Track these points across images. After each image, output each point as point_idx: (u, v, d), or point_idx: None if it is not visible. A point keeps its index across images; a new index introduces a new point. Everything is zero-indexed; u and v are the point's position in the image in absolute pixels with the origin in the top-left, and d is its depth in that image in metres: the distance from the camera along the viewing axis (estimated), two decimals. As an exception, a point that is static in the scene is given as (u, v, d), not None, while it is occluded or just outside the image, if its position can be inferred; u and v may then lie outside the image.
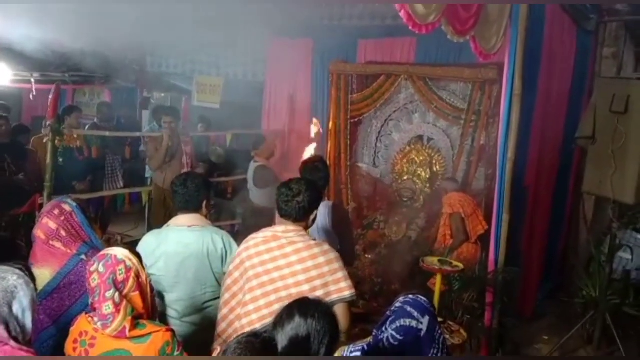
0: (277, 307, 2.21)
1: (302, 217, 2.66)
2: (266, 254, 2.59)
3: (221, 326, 2.67)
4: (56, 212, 2.67)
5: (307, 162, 3.76)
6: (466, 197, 5.00)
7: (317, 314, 1.78)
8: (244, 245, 2.71)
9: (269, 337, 1.76)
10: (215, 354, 1.70)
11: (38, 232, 2.65)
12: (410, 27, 3.33)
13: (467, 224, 4.84)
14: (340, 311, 2.50)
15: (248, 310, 2.57)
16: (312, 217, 2.74)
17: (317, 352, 1.74)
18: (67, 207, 2.71)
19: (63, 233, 2.64)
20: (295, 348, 1.74)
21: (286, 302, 1.92)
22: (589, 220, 5.73)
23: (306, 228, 2.71)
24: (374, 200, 6.18)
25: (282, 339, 1.75)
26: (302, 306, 1.82)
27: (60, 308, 2.55)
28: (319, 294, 2.48)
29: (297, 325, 1.75)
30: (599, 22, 5.72)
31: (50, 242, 2.62)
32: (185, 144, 5.85)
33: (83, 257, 2.62)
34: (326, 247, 2.65)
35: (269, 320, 2.26)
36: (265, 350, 1.69)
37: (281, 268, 2.55)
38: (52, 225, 2.64)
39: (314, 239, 2.72)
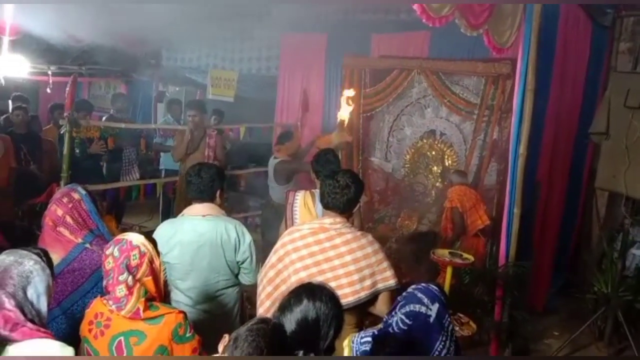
0: None
1: (348, 208, 2.71)
2: (315, 245, 2.62)
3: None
4: (65, 199, 2.72)
5: (318, 154, 3.80)
6: (467, 191, 4.96)
7: (324, 297, 1.79)
8: (287, 237, 2.71)
9: (279, 324, 1.75)
10: (223, 343, 1.69)
11: (46, 219, 2.70)
12: (424, 20, 3.34)
13: (466, 218, 4.84)
14: (385, 299, 2.60)
15: None
16: (355, 209, 2.78)
17: (326, 335, 1.74)
18: (76, 195, 2.75)
19: (69, 220, 2.68)
20: (304, 331, 1.74)
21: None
22: (602, 216, 5.68)
23: (348, 219, 2.74)
24: (386, 195, 6.19)
25: (289, 322, 1.74)
26: (309, 290, 1.82)
27: (62, 293, 2.58)
28: (367, 283, 2.55)
29: (305, 308, 1.75)
30: (615, 17, 5.66)
31: (57, 229, 2.67)
32: (209, 137, 5.91)
33: (87, 245, 2.67)
34: (371, 237, 2.71)
35: None
36: (276, 335, 1.68)
37: (331, 259, 2.58)
38: (59, 212, 2.69)
39: (359, 231, 2.76)
